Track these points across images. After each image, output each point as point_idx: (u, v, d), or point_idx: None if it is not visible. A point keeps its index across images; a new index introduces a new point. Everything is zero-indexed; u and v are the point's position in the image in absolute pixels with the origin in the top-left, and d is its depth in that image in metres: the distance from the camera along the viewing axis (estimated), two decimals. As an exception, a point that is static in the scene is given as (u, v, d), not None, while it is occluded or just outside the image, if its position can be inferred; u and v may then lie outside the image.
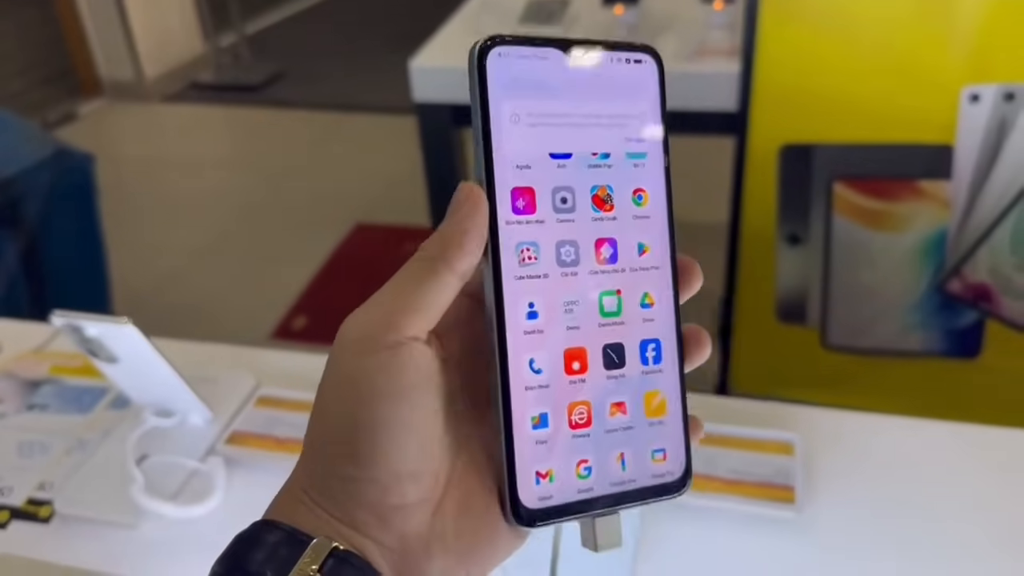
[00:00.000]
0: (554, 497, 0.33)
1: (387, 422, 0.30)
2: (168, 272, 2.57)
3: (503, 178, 0.33)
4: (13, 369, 0.92)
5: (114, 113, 3.74)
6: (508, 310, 0.32)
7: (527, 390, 0.33)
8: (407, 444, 0.30)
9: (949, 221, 1.32)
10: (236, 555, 0.31)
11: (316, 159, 3.22)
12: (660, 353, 0.35)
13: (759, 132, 1.36)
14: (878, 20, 1.22)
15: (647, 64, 0.35)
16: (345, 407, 0.31)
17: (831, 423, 0.79)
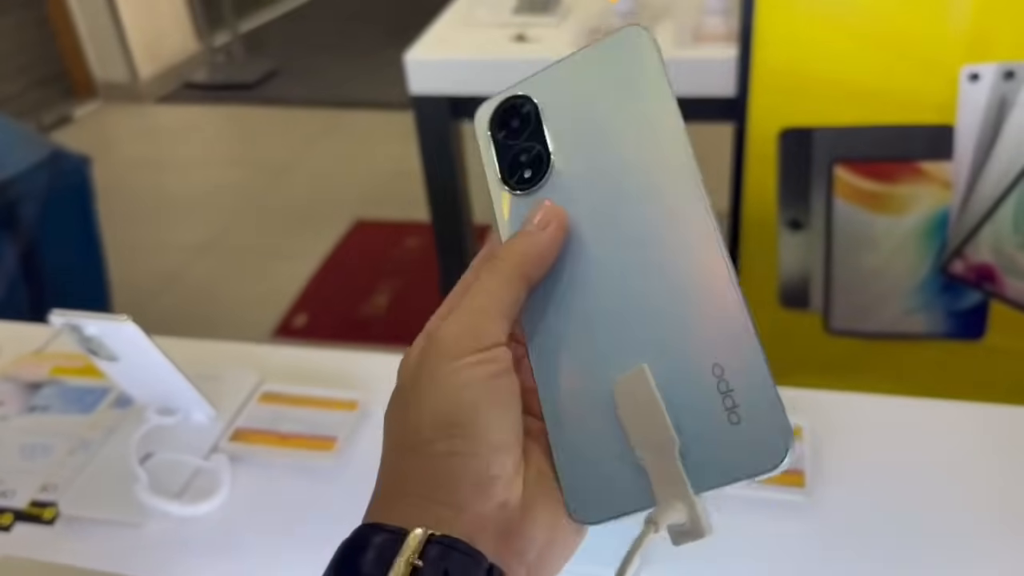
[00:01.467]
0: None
1: (487, 407, 0.32)
2: (168, 272, 2.56)
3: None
4: (14, 371, 0.91)
5: (109, 115, 3.73)
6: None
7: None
8: (502, 418, 0.33)
9: (951, 202, 1.32)
10: (346, 560, 0.32)
11: (314, 156, 3.21)
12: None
13: (758, 117, 1.35)
14: (874, 2, 1.22)
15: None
16: (443, 394, 0.33)
17: (839, 407, 0.79)
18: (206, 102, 3.76)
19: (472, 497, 0.32)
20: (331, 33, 4.39)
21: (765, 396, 0.30)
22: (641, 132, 0.35)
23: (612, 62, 0.36)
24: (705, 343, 0.31)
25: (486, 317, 0.34)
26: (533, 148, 0.36)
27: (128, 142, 3.57)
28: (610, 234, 0.34)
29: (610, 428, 0.32)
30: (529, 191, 0.36)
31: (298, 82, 3.81)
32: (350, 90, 3.64)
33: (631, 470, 0.32)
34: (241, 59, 3.94)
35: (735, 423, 0.30)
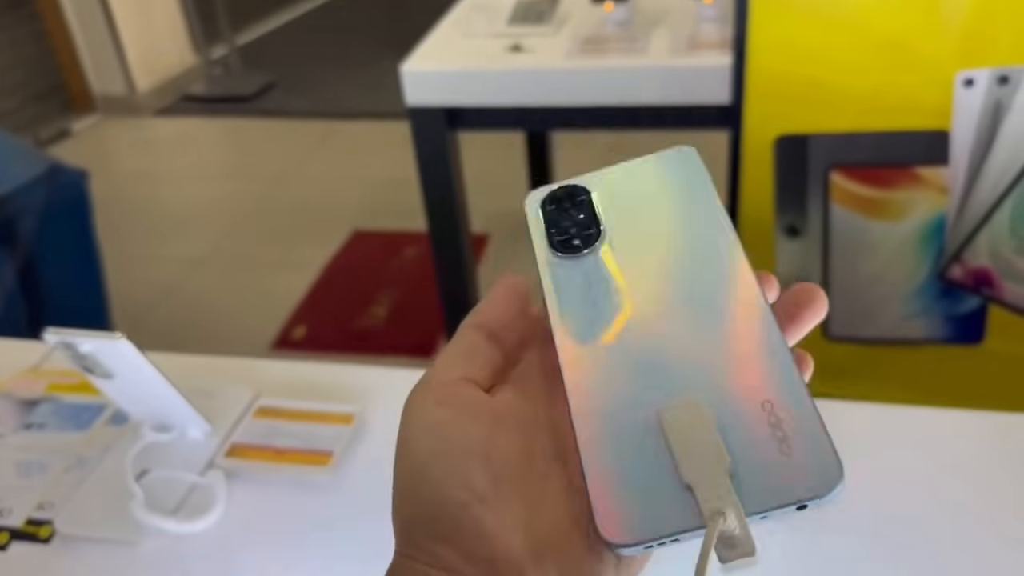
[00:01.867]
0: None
1: (441, 457, 0.32)
2: (166, 284, 2.56)
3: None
4: (9, 388, 0.91)
5: (107, 128, 3.73)
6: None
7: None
8: (467, 473, 0.31)
9: (947, 207, 1.32)
10: None
11: (311, 167, 3.22)
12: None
13: (753, 124, 1.35)
14: (868, 8, 1.22)
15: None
16: (407, 454, 0.33)
17: (837, 416, 0.78)
18: (204, 114, 3.77)
19: (453, 560, 0.31)
20: (328, 45, 4.40)
21: (813, 423, 0.31)
22: (692, 231, 0.37)
23: (664, 173, 0.40)
24: (755, 381, 0.32)
25: (440, 368, 0.35)
26: (584, 222, 0.38)
27: (126, 155, 3.57)
28: (652, 290, 0.36)
29: (655, 452, 0.32)
30: (576, 255, 0.38)
31: (295, 94, 3.81)
32: (347, 101, 3.64)
33: (675, 494, 0.31)
34: (239, 71, 3.95)
35: (787, 454, 0.31)
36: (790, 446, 0.31)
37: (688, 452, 0.31)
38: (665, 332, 0.35)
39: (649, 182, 0.40)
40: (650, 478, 0.31)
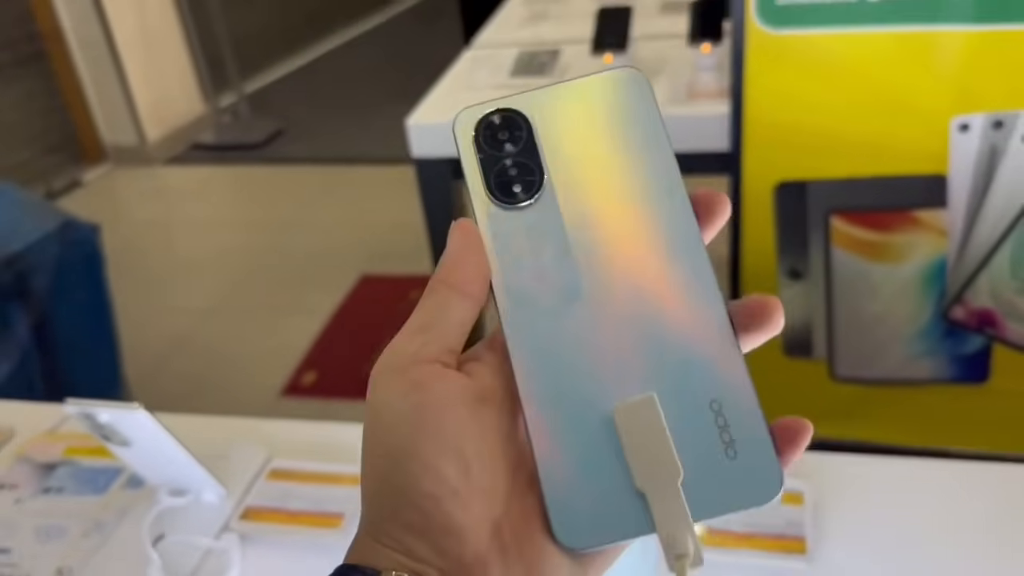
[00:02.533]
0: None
1: (413, 448, 0.31)
2: (178, 332, 2.59)
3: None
4: (28, 452, 0.93)
5: (118, 178, 3.79)
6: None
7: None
8: (437, 467, 0.31)
9: (948, 249, 1.33)
10: None
11: (319, 213, 3.25)
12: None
13: (752, 170, 1.37)
14: (861, 57, 1.24)
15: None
16: (377, 441, 0.32)
17: (840, 468, 0.79)
18: (214, 162, 3.82)
19: (425, 553, 0.31)
20: (334, 92, 4.47)
21: (759, 430, 0.32)
22: (637, 166, 0.34)
23: (607, 96, 0.36)
24: (704, 378, 0.32)
25: (407, 339, 0.33)
26: (525, 164, 0.35)
27: (137, 204, 3.62)
28: (604, 262, 0.34)
29: (607, 452, 0.32)
30: (516, 206, 0.35)
31: (303, 140, 3.87)
32: (353, 146, 3.69)
33: (627, 496, 0.31)
34: (247, 119, 4.01)
35: (732, 457, 0.31)
36: (736, 450, 0.31)
37: (641, 458, 0.31)
38: (617, 314, 0.33)
39: (593, 110, 0.36)
40: (603, 482, 0.31)
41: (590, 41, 1.56)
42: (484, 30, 2.03)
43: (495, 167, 0.35)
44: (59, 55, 3.63)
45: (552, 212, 0.34)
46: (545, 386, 0.33)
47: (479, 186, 0.35)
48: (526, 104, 0.36)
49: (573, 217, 0.34)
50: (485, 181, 0.35)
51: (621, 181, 0.34)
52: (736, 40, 1.28)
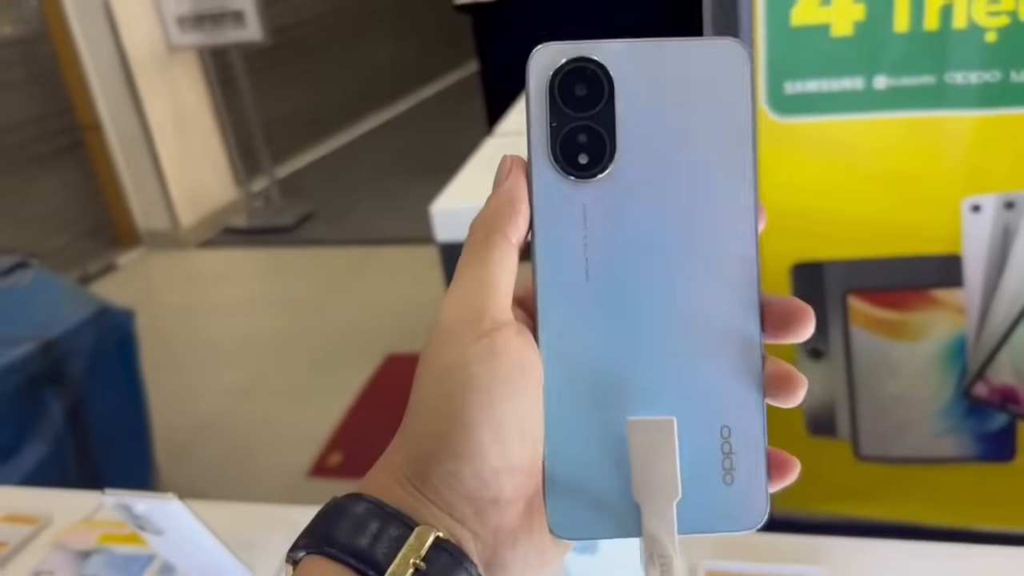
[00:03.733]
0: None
1: (486, 417, 0.31)
2: (207, 414, 2.62)
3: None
4: (64, 540, 0.96)
5: (152, 261, 3.88)
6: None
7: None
8: (507, 437, 0.31)
9: (966, 326, 1.34)
10: (320, 526, 0.32)
11: (346, 293, 3.31)
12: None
13: (768, 252, 1.38)
14: (870, 143, 1.28)
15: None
16: (443, 400, 0.32)
17: (857, 550, 0.80)
18: (245, 246, 3.92)
19: (468, 516, 0.32)
20: (363, 176, 4.58)
21: (758, 463, 0.33)
22: (711, 160, 0.33)
23: (699, 70, 0.33)
24: (722, 403, 0.33)
25: (477, 296, 0.32)
26: (596, 131, 0.32)
27: (170, 288, 3.71)
28: (649, 260, 0.33)
29: (614, 458, 0.33)
30: (580, 179, 0.33)
31: (332, 223, 3.96)
32: (381, 228, 3.77)
33: (622, 501, 0.33)
34: (278, 204, 4.11)
35: (728, 484, 0.33)
36: (733, 477, 0.33)
37: (645, 473, 0.32)
38: (651, 321, 0.33)
39: (681, 82, 0.33)
40: (603, 484, 0.33)
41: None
42: (506, 117, 2.10)
43: (566, 127, 0.32)
44: (96, 144, 3.77)
45: (610, 194, 0.33)
46: (568, 376, 0.33)
47: (542, 142, 0.32)
48: (613, 60, 0.32)
49: (630, 205, 0.33)
50: (551, 140, 0.32)
51: (689, 177, 0.33)
52: (748, 128, 1.32)
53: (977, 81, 1.20)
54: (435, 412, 0.32)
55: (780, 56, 1.27)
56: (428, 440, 0.32)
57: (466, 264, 0.33)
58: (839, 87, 1.26)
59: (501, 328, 0.32)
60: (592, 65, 0.32)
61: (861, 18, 1.22)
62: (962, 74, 1.21)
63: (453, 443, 0.31)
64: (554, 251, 0.33)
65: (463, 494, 0.31)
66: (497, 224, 0.33)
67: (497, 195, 0.33)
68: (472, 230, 0.34)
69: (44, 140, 3.57)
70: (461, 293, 0.33)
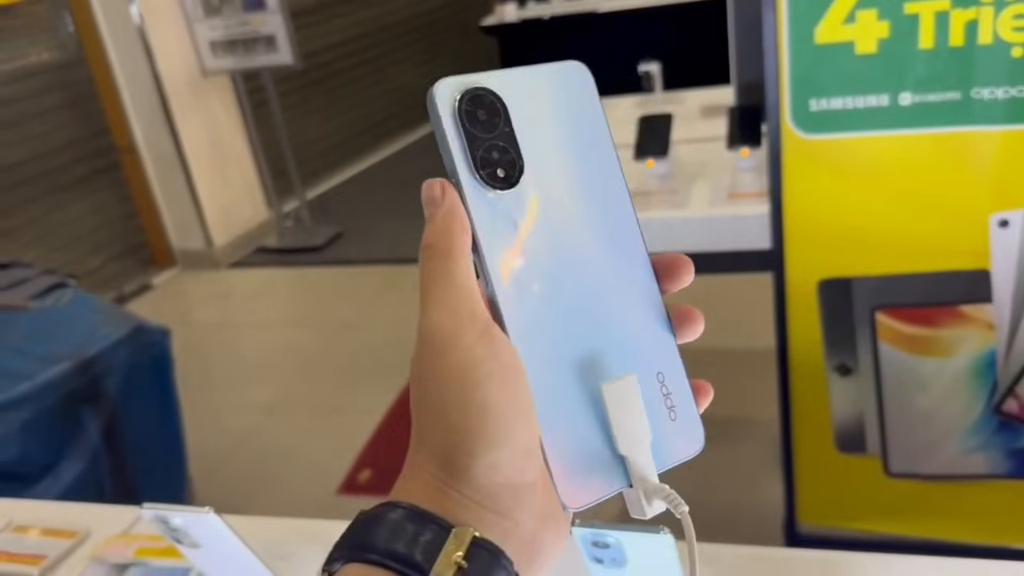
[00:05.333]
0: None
1: (510, 403, 0.33)
2: (240, 431, 2.65)
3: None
4: (102, 553, 0.98)
5: (186, 281, 3.95)
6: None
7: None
8: (526, 421, 0.34)
9: (996, 342, 1.34)
10: (355, 536, 0.32)
11: (375, 311, 3.35)
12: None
13: (796, 268, 1.40)
14: (896, 159, 1.28)
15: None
16: (465, 397, 0.33)
17: (884, 568, 0.80)
18: (276, 265, 3.97)
19: (510, 504, 0.33)
20: (391, 196, 4.63)
21: (687, 396, 0.39)
22: (588, 153, 0.39)
23: (558, 85, 0.39)
24: (652, 353, 0.38)
25: (461, 301, 0.34)
26: (504, 148, 0.37)
27: (203, 306, 3.76)
28: (569, 248, 0.38)
29: (596, 422, 0.37)
30: (503, 190, 0.37)
31: (361, 243, 4.00)
32: (409, 248, 3.76)
33: (610, 458, 0.37)
34: (309, 224, 4.17)
35: (673, 420, 0.38)
36: (676, 414, 0.38)
37: (624, 427, 0.37)
38: (586, 294, 0.38)
39: (549, 97, 0.39)
40: (595, 450, 0.37)
41: (633, 147, 1.63)
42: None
43: (481, 147, 0.37)
44: (132, 166, 3.85)
45: (527, 197, 0.37)
46: (540, 363, 0.36)
47: (465, 163, 0.37)
48: (498, 85, 0.38)
49: (545, 204, 0.37)
50: (472, 160, 0.37)
51: (578, 171, 0.38)
52: (773, 145, 1.33)
53: (1004, 96, 1.20)
54: (461, 410, 0.33)
55: (805, 74, 1.28)
56: (461, 437, 0.33)
57: (435, 279, 0.35)
58: (864, 104, 1.27)
59: (491, 326, 0.35)
60: (487, 93, 0.37)
61: (885, 35, 1.23)
62: (988, 89, 1.21)
63: (487, 433, 0.33)
64: (500, 257, 0.36)
65: (503, 482, 0.33)
66: (453, 240, 0.35)
67: (441, 215, 0.36)
68: (428, 249, 0.36)
69: (81, 162, 3.66)
70: (444, 303, 0.34)
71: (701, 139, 1.82)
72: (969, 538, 1.42)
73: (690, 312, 0.39)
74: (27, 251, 3.33)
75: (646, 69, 1.94)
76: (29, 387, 1.79)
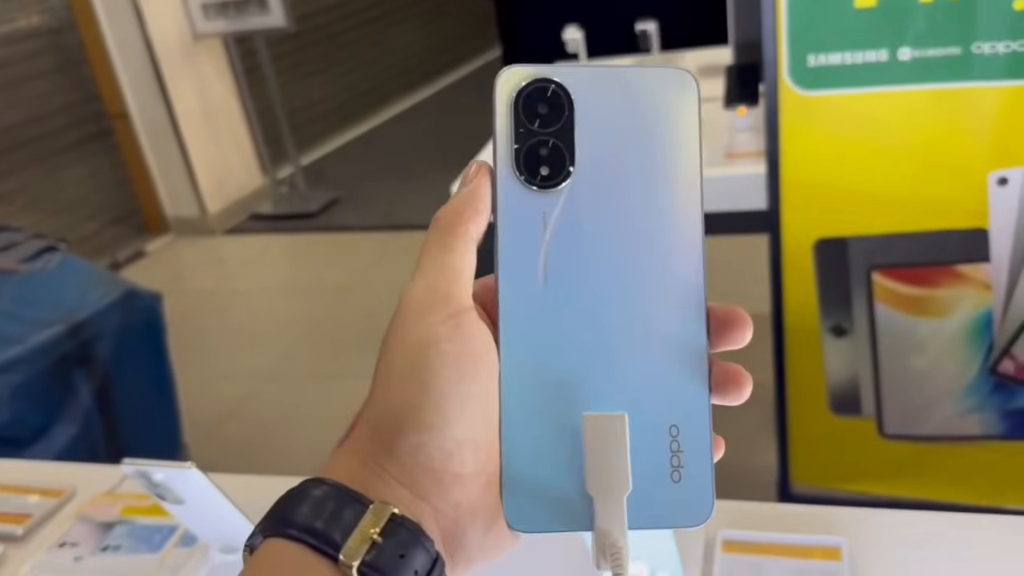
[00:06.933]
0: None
1: (455, 388, 0.32)
2: (234, 397, 2.65)
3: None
4: (88, 512, 0.97)
5: (180, 248, 3.92)
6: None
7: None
8: (472, 411, 0.33)
9: (993, 302, 1.32)
10: (279, 512, 0.33)
11: (371, 278, 3.33)
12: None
13: (791, 228, 1.38)
14: (895, 116, 1.26)
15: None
16: (413, 372, 0.33)
17: (879, 522, 0.79)
18: (271, 232, 3.95)
19: (431, 490, 0.32)
20: (386, 162, 4.60)
21: (705, 461, 0.35)
22: (661, 176, 0.35)
23: (652, 94, 0.35)
24: (671, 404, 0.35)
25: (443, 280, 0.34)
26: (556, 146, 0.35)
27: (198, 273, 3.74)
28: (604, 267, 0.35)
29: (568, 452, 0.34)
30: (541, 189, 0.35)
31: (357, 209, 3.97)
32: (405, 214, 3.78)
33: (576, 494, 0.34)
34: (303, 190, 4.14)
35: (676, 481, 0.34)
36: (681, 475, 0.34)
37: (599, 466, 0.34)
38: (606, 322, 0.35)
39: (634, 105, 0.35)
40: (557, 477, 0.34)
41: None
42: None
43: (529, 140, 0.35)
44: (124, 132, 3.81)
45: (568, 205, 0.35)
46: (525, 373, 0.34)
47: (507, 153, 0.35)
48: (573, 81, 0.35)
49: (586, 215, 0.35)
50: (514, 151, 0.35)
51: (642, 192, 0.35)
52: (770, 102, 1.31)
53: (1004, 51, 1.18)
54: (404, 384, 0.33)
55: (803, 28, 1.25)
56: (396, 411, 0.33)
57: (431, 251, 0.35)
58: (863, 59, 1.24)
59: (466, 311, 0.34)
60: (554, 86, 0.35)
61: (885, -12, 1.20)
62: (989, 44, 1.18)
63: (421, 414, 0.32)
64: (515, 253, 0.35)
65: (428, 467, 0.32)
66: (461, 219, 0.35)
67: (462, 194, 0.35)
68: (435, 222, 0.36)
69: (72, 128, 3.62)
70: (428, 276, 0.34)
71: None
72: (963, 499, 1.42)
73: (737, 374, 0.35)
74: (21, 217, 3.30)
75: (643, 28, 1.91)
76: (20, 351, 1.78)
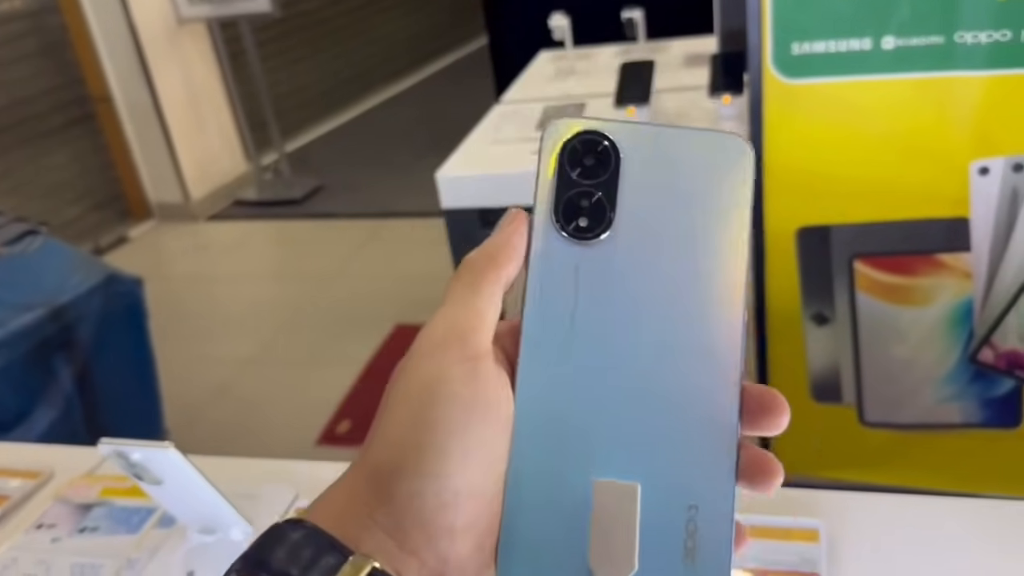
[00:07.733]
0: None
1: (462, 432, 0.31)
2: (217, 383, 2.64)
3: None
4: (66, 494, 0.97)
5: (163, 234, 3.90)
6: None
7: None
8: (476, 460, 0.31)
9: (973, 291, 1.33)
10: (257, 552, 0.31)
11: (355, 265, 3.32)
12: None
13: (774, 216, 1.39)
14: (878, 105, 1.26)
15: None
16: (420, 411, 0.31)
17: (856, 505, 0.80)
18: (255, 218, 3.93)
19: (419, 542, 0.31)
20: (371, 149, 4.58)
21: (722, 547, 0.32)
22: (705, 244, 0.34)
23: (703, 157, 0.34)
24: (691, 481, 0.32)
25: (465, 323, 0.33)
26: (599, 201, 0.34)
27: (181, 259, 3.72)
28: (634, 328, 0.33)
29: (574, 519, 0.32)
30: (578, 240, 0.34)
31: (341, 196, 3.96)
32: (389, 201, 3.78)
33: (577, 567, 0.32)
34: (288, 177, 4.12)
35: (688, 564, 0.32)
36: (694, 558, 0.32)
37: (604, 539, 0.32)
38: (631, 387, 0.33)
39: (684, 166, 0.34)
40: (560, 545, 0.32)
41: (613, 94, 1.60)
42: (513, 86, 2.09)
43: (569, 191, 0.34)
44: (107, 117, 3.77)
45: (604, 260, 0.34)
46: (539, 428, 0.33)
47: (547, 201, 0.34)
48: (624, 137, 0.34)
49: (622, 274, 0.33)
50: (555, 200, 0.34)
51: (682, 256, 0.33)
52: (754, 90, 1.31)
53: (987, 41, 1.18)
54: (410, 421, 0.32)
55: (787, 16, 1.25)
56: (397, 452, 0.31)
57: (457, 290, 0.34)
58: (847, 48, 1.25)
59: (484, 356, 0.33)
60: (603, 139, 0.34)
61: (870, -23, 1.20)
62: (972, 34, 1.19)
63: (422, 457, 0.31)
64: (544, 305, 0.34)
65: (419, 519, 0.31)
66: (493, 263, 0.34)
67: (497, 238, 0.35)
68: (466, 263, 0.35)
69: (55, 112, 3.58)
70: (450, 315, 0.34)
71: (683, 88, 1.80)
72: (942, 486, 1.43)
73: (768, 463, 0.33)
74: (2, 200, 3.27)
75: (629, 16, 1.91)
76: (1, 334, 1.77)
